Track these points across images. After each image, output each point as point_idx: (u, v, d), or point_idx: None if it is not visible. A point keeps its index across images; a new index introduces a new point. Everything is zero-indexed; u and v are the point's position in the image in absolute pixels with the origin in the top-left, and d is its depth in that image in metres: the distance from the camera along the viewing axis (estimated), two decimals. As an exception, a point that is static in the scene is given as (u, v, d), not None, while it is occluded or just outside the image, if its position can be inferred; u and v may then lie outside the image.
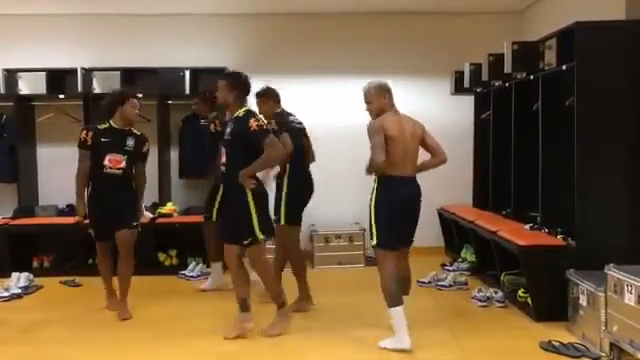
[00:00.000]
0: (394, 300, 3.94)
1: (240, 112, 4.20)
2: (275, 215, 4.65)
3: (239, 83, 4.25)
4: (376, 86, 4.16)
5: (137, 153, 4.78)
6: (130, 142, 4.75)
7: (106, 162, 4.64)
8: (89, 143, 4.68)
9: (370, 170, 3.98)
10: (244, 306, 4.29)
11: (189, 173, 6.86)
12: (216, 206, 5.23)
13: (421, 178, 4.13)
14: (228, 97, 4.22)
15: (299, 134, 4.79)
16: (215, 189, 5.19)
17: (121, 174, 4.69)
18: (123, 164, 4.69)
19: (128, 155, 4.72)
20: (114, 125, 4.74)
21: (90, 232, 4.84)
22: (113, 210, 4.66)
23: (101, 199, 4.69)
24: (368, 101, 4.15)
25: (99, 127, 4.74)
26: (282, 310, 4.35)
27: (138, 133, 4.86)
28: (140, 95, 4.91)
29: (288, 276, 4.87)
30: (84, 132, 4.74)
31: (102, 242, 4.83)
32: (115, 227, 4.67)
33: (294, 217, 4.76)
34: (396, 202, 3.95)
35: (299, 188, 4.76)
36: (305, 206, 4.82)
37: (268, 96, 4.94)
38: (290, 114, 4.90)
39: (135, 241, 4.78)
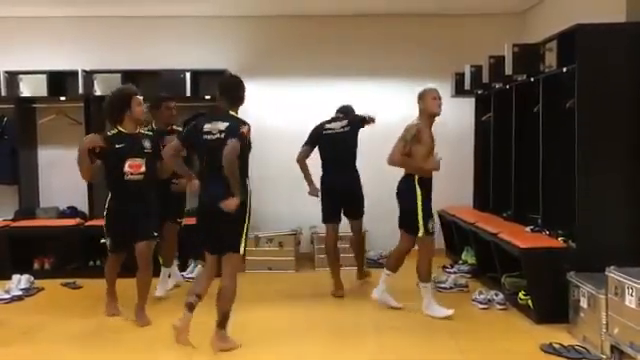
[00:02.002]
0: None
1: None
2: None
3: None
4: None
5: (155, 153, 4.63)
6: (147, 144, 4.63)
7: (127, 168, 4.51)
8: (97, 151, 4.52)
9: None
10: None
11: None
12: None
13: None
14: None
15: None
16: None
17: (143, 179, 4.57)
18: (143, 168, 4.57)
19: (147, 158, 4.59)
20: (124, 131, 4.59)
21: (105, 242, 4.69)
22: (132, 220, 4.51)
23: (121, 210, 4.55)
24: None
25: (108, 134, 4.60)
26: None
27: (150, 133, 4.80)
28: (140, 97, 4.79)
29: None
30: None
31: (117, 254, 4.74)
32: (134, 239, 4.54)
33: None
34: (429, 195, 4.66)
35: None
36: None
37: None
38: None
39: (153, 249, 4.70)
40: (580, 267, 4.26)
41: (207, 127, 3.99)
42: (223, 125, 3.95)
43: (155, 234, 4.66)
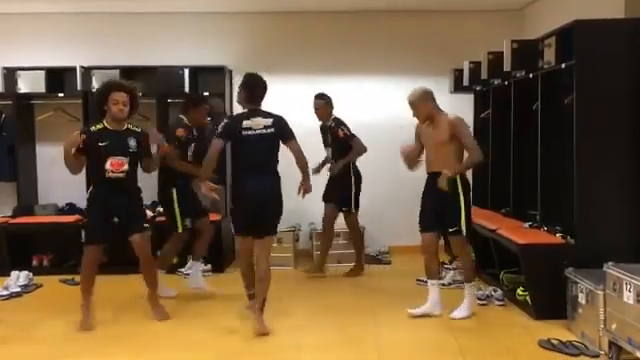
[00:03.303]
0: (475, 275, 4.76)
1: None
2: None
3: None
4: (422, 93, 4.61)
5: (140, 152, 4.56)
6: (132, 143, 4.49)
7: (108, 166, 4.39)
8: (80, 146, 4.40)
9: (468, 168, 4.61)
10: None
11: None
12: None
13: (421, 176, 4.14)
14: None
15: None
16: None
17: (125, 177, 4.47)
18: (125, 167, 4.45)
19: (131, 157, 4.48)
20: (109, 127, 4.48)
21: (82, 232, 4.62)
22: (116, 214, 4.47)
23: (102, 202, 4.47)
24: (415, 107, 4.62)
25: (92, 129, 4.49)
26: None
27: (138, 130, 4.60)
28: (127, 83, 4.67)
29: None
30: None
31: (94, 245, 4.53)
32: (127, 234, 4.51)
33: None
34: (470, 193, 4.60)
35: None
36: None
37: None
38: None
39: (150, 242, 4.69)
40: (578, 263, 4.27)
41: (246, 124, 4.27)
42: (267, 121, 4.29)
43: (146, 225, 4.65)
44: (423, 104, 4.57)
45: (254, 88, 4.42)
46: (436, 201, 4.53)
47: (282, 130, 4.33)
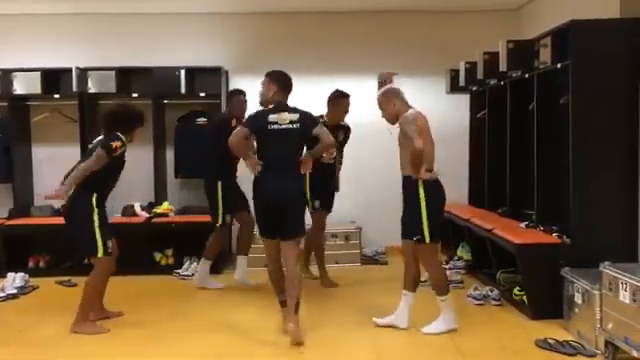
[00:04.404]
0: (448, 288, 4.31)
1: None
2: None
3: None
4: (384, 93, 4.39)
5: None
6: None
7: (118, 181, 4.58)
8: (116, 154, 4.42)
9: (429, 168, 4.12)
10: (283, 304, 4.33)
11: (185, 173, 6.85)
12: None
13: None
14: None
15: None
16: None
17: None
18: None
19: None
20: (126, 142, 4.52)
21: (107, 247, 4.46)
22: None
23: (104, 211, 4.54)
24: (381, 109, 4.37)
25: (123, 140, 4.47)
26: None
27: None
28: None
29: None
30: (118, 142, 4.39)
31: (112, 256, 4.54)
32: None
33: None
34: (443, 197, 4.24)
35: None
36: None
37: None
38: None
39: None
40: (575, 263, 4.28)
41: (273, 118, 4.17)
42: (294, 116, 4.18)
43: None
44: (388, 102, 4.32)
45: (284, 78, 4.32)
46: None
47: (308, 125, 4.21)
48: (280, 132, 4.14)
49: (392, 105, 4.29)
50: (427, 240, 4.15)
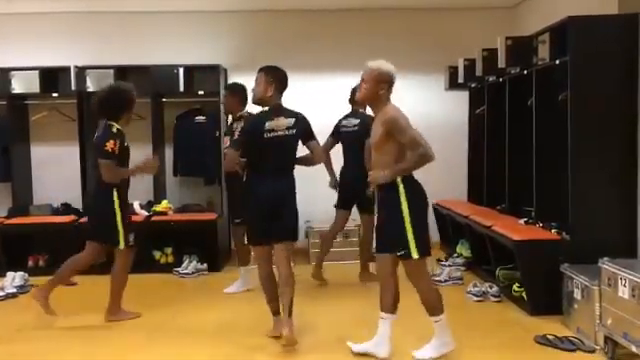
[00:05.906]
0: (441, 307, 3.68)
1: None
2: None
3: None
4: (380, 72, 3.62)
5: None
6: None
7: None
8: (117, 152, 4.41)
9: (417, 168, 3.57)
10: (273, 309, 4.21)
11: (183, 171, 6.85)
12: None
13: (415, 173, 4.11)
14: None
15: None
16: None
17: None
18: None
19: None
20: (121, 129, 4.50)
21: (129, 239, 4.60)
22: None
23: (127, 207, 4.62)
24: (364, 83, 3.65)
25: (115, 131, 4.45)
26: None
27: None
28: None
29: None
30: (111, 141, 4.36)
31: (132, 249, 4.69)
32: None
33: None
34: (425, 202, 3.71)
35: None
36: None
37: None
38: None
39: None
40: (574, 259, 4.28)
41: (269, 125, 3.98)
42: (290, 121, 4.03)
43: None
44: (375, 84, 3.60)
45: (283, 77, 4.15)
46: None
47: (304, 131, 4.09)
48: (276, 139, 3.98)
49: (379, 88, 3.59)
50: (415, 255, 3.54)
